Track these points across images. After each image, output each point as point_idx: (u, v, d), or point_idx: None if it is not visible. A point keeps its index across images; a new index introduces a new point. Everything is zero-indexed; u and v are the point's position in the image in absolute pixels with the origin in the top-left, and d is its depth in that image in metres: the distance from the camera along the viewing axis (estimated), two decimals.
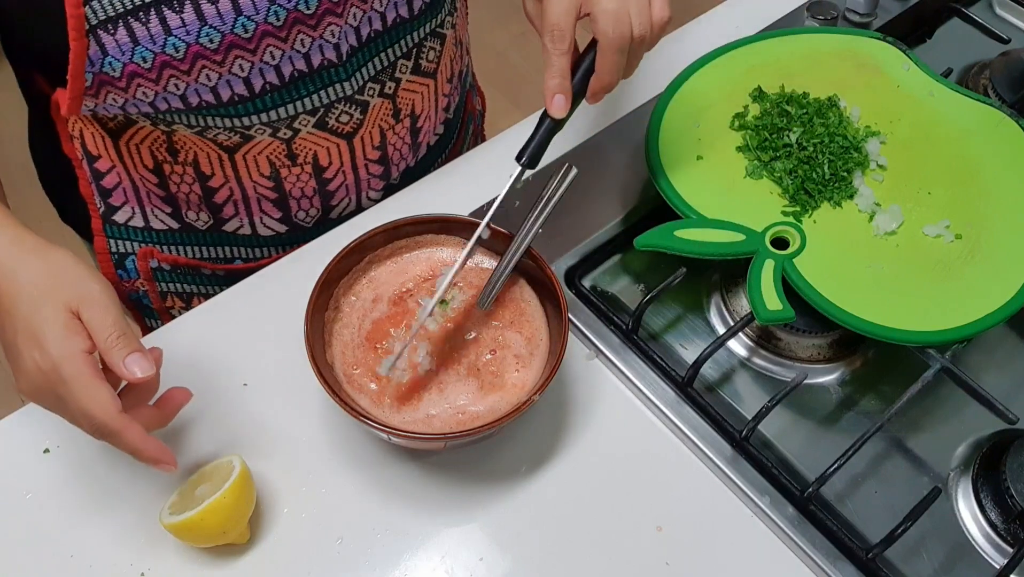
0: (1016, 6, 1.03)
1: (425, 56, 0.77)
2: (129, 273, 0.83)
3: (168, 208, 0.78)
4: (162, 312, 0.86)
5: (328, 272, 0.66)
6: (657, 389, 0.71)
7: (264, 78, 0.67)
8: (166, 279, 0.84)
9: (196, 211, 0.78)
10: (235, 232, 0.81)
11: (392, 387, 0.64)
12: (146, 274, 0.82)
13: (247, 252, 0.83)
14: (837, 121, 0.80)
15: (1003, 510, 0.66)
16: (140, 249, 0.81)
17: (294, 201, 0.79)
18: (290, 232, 0.82)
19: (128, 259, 0.82)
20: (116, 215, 0.79)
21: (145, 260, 0.81)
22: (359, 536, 0.64)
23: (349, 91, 0.72)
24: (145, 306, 0.86)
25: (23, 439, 0.67)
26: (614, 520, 0.66)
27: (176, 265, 0.82)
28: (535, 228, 0.67)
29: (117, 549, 0.63)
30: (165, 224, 0.79)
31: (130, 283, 0.83)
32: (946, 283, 0.72)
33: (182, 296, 0.85)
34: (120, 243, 0.81)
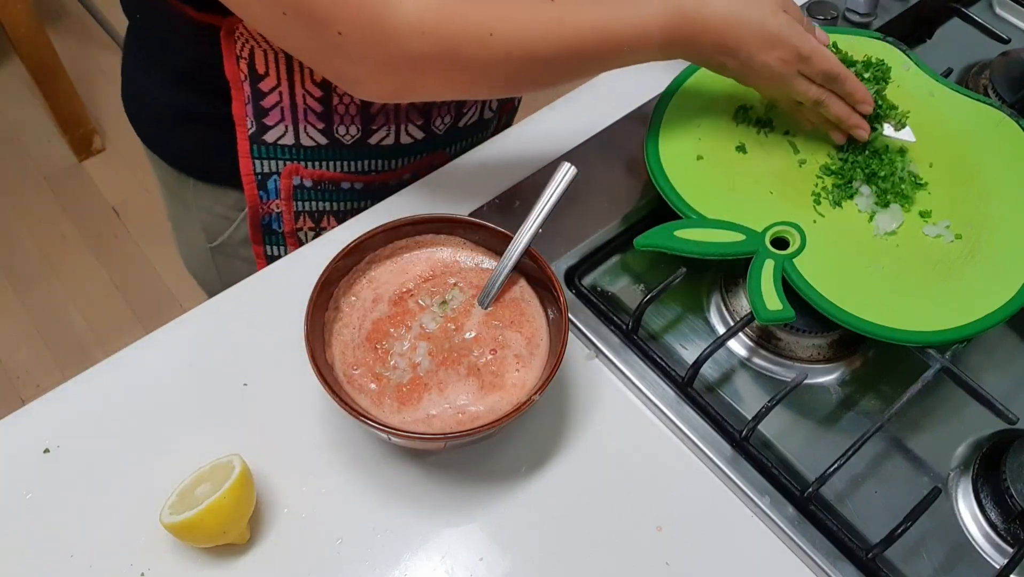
0: (1016, 6, 1.03)
1: None
2: (269, 194, 0.84)
3: (321, 124, 0.80)
4: (290, 235, 0.88)
5: (328, 272, 0.66)
6: (657, 389, 0.71)
7: None
8: (305, 197, 0.85)
9: (348, 125, 0.80)
10: (379, 144, 0.83)
11: (392, 387, 0.64)
12: (287, 193, 0.84)
13: (386, 164, 0.85)
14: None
15: (1003, 510, 0.66)
16: (285, 167, 0.82)
17: (435, 108, 0.82)
18: (426, 139, 0.85)
19: (271, 179, 0.83)
20: (267, 134, 0.80)
21: (289, 178, 0.83)
22: (359, 536, 0.64)
23: None
24: (273, 232, 0.87)
25: (23, 439, 0.67)
26: (614, 520, 0.66)
27: (319, 181, 0.84)
28: (535, 228, 0.67)
29: (117, 549, 0.63)
30: (314, 140, 0.81)
31: (267, 205, 0.85)
32: (946, 283, 0.72)
33: (314, 215, 0.87)
34: (266, 163, 0.82)
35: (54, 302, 1.93)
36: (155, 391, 0.70)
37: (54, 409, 0.69)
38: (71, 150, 2.18)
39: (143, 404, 0.69)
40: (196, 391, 0.70)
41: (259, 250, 0.89)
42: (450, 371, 0.66)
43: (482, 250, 0.72)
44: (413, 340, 0.67)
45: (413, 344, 0.67)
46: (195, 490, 0.61)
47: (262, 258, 0.90)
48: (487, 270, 0.70)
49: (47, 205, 2.10)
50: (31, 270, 1.98)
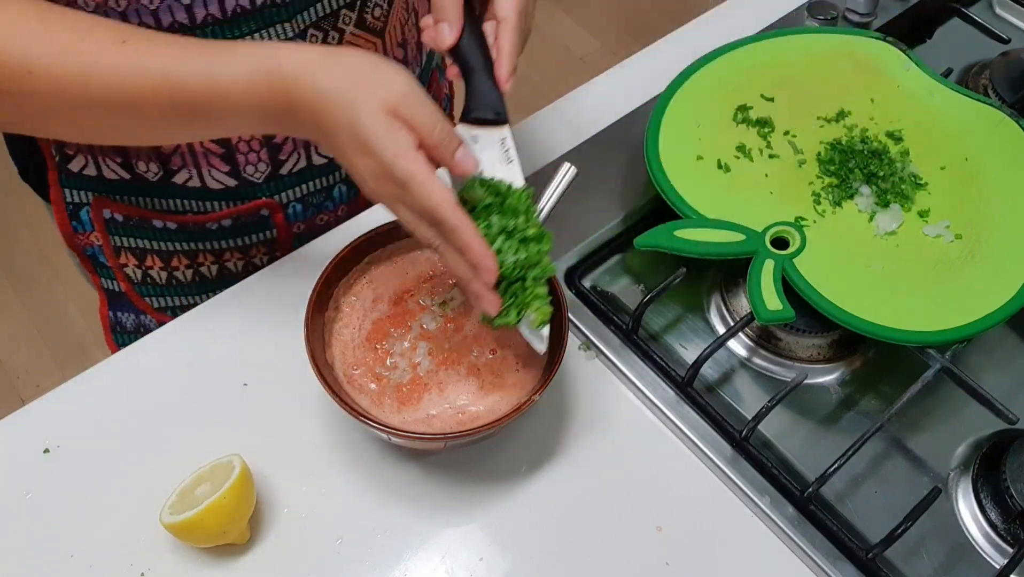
0: (1016, 6, 1.03)
1: (371, 12, 0.75)
2: (84, 225, 0.82)
3: (119, 158, 0.77)
4: (116, 269, 0.86)
5: (328, 272, 0.66)
6: (657, 389, 0.71)
7: (207, 8, 0.65)
8: (119, 232, 0.83)
9: (146, 161, 0.77)
10: (184, 184, 0.78)
11: (392, 387, 0.64)
12: (100, 226, 0.82)
13: (198, 205, 0.81)
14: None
15: (1003, 510, 0.66)
16: (93, 199, 0.80)
17: (241, 156, 0.77)
18: (240, 187, 0.79)
19: (83, 210, 0.81)
20: (71, 164, 0.78)
21: (99, 210, 0.81)
22: (359, 536, 0.64)
23: (291, 33, 0.70)
24: (101, 264, 0.86)
25: (23, 439, 0.68)
26: (614, 520, 0.66)
27: (128, 217, 0.81)
28: None
29: (117, 549, 0.63)
30: (117, 174, 0.78)
31: (84, 236, 0.83)
32: (946, 283, 0.72)
33: (135, 252, 0.84)
34: (75, 193, 0.80)
35: (54, 302, 1.93)
36: (155, 391, 0.70)
37: (54, 409, 0.69)
38: None
39: (143, 404, 0.69)
40: (196, 391, 0.70)
41: (96, 280, 0.87)
42: (450, 371, 0.66)
43: None
44: (413, 340, 0.67)
45: (413, 344, 0.67)
46: (195, 490, 0.61)
47: (100, 290, 0.88)
48: None
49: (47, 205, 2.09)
50: (31, 270, 1.97)
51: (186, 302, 0.86)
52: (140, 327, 0.90)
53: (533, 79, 2.20)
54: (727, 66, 0.86)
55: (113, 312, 0.89)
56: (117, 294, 0.88)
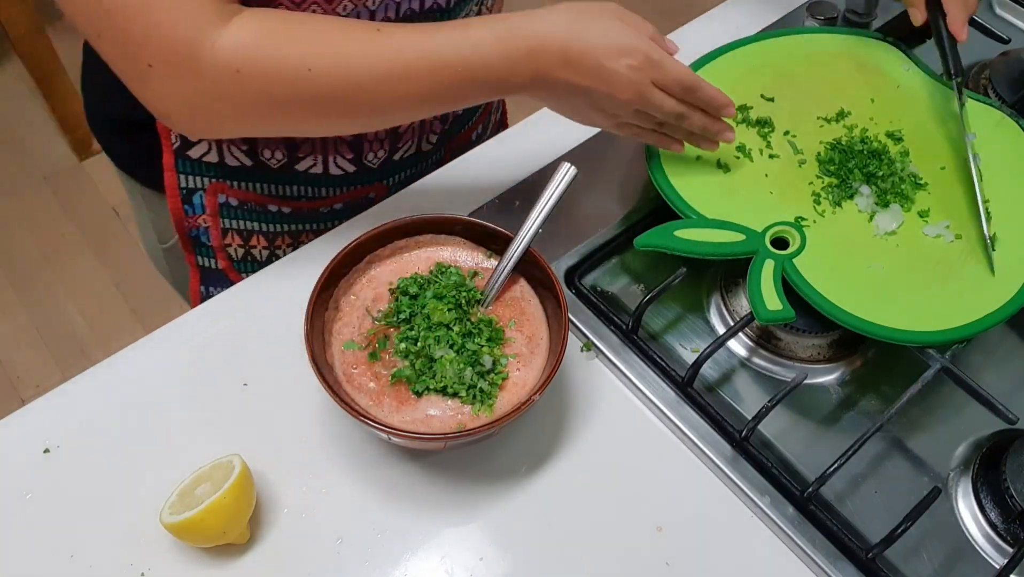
0: (1016, 6, 1.03)
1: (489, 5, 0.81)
2: (195, 209, 0.83)
3: (245, 145, 0.79)
4: (219, 250, 0.87)
5: (328, 272, 0.66)
6: (657, 389, 0.71)
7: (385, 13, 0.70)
8: (231, 215, 0.85)
9: (273, 149, 0.79)
10: (307, 171, 0.82)
11: (392, 387, 0.64)
12: (212, 210, 0.83)
13: (315, 191, 0.84)
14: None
15: (1003, 510, 0.66)
16: (210, 184, 0.82)
17: (367, 143, 0.81)
18: (358, 172, 0.84)
19: (196, 195, 0.82)
20: (191, 150, 0.79)
21: (214, 195, 0.82)
22: (359, 536, 0.64)
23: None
24: (202, 244, 0.87)
25: (23, 439, 0.67)
26: (614, 520, 0.66)
27: (244, 201, 0.83)
28: (535, 228, 0.67)
29: (117, 549, 0.63)
30: (239, 161, 0.80)
31: (193, 219, 0.84)
32: (946, 283, 0.72)
33: (242, 233, 0.86)
34: (191, 178, 0.81)
35: (54, 302, 1.93)
36: (155, 391, 0.70)
37: (54, 409, 0.69)
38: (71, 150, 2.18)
39: (143, 404, 0.69)
40: (196, 391, 0.70)
41: (191, 259, 0.88)
42: None
43: (482, 250, 0.72)
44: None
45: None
46: (195, 490, 0.61)
47: (195, 268, 0.89)
48: (487, 270, 0.70)
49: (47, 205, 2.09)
50: (31, 270, 1.97)
51: None
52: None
53: None
54: (727, 66, 0.86)
55: (205, 287, 0.91)
56: (213, 271, 0.89)
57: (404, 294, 0.68)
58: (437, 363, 0.64)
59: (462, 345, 0.65)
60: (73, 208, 2.09)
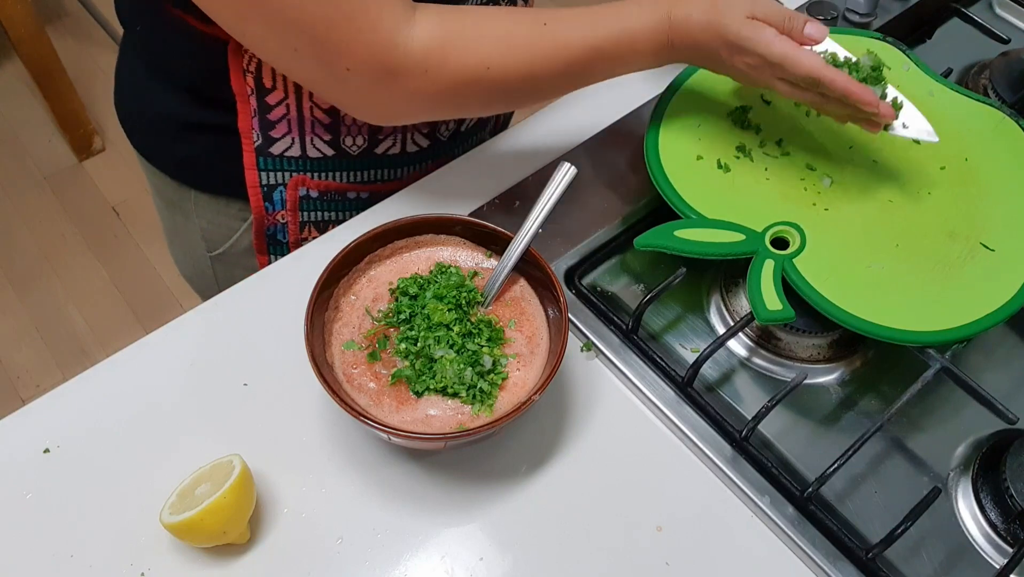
0: (1016, 6, 1.03)
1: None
2: (275, 205, 0.84)
3: (328, 136, 0.80)
4: (294, 245, 0.88)
5: (328, 272, 0.66)
6: (657, 389, 0.71)
7: None
8: (311, 207, 0.86)
9: (355, 136, 0.81)
10: (385, 153, 0.84)
11: (392, 387, 0.64)
12: (293, 204, 0.85)
13: (391, 173, 0.86)
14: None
15: (1003, 510, 0.66)
16: (292, 178, 0.83)
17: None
18: (431, 146, 0.86)
19: (277, 190, 0.84)
20: (273, 147, 0.80)
21: (295, 189, 0.84)
22: (359, 536, 0.64)
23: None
24: (278, 242, 0.88)
25: (23, 439, 0.68)
26: (614, 520, 0.66)
27: (325, 191, 0.85)
28: (535, 228, 0.67)
29: (117, 549, 0.63)
30: (320, 152, 0.82)
31: (272, 216, 0.85)
32: (946, 283, 0.72)
33: (319, 225, 0.88)
34: (272, 175, 0.82)
35: (54, 302, 1.93)
36: (155, 391, 0.70)
37: (54, 409, 0.69)
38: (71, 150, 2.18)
39: (143, 404, 0.69)
40: (196, 391, 0.70)
41: (263, 260, 0.89)
42: None
43: (482, 250, 0.72)
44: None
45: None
46: (195, 490, 0.61)
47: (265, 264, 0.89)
48: (487, 270, 0.70)
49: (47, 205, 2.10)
50: (31, 270, 1.98)
51: None
52: None
53: None
54: None
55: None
56: None
57: (404, 294, 0.68)
58: (437, 363, 0.64)
59: (462, 345, 0.65)
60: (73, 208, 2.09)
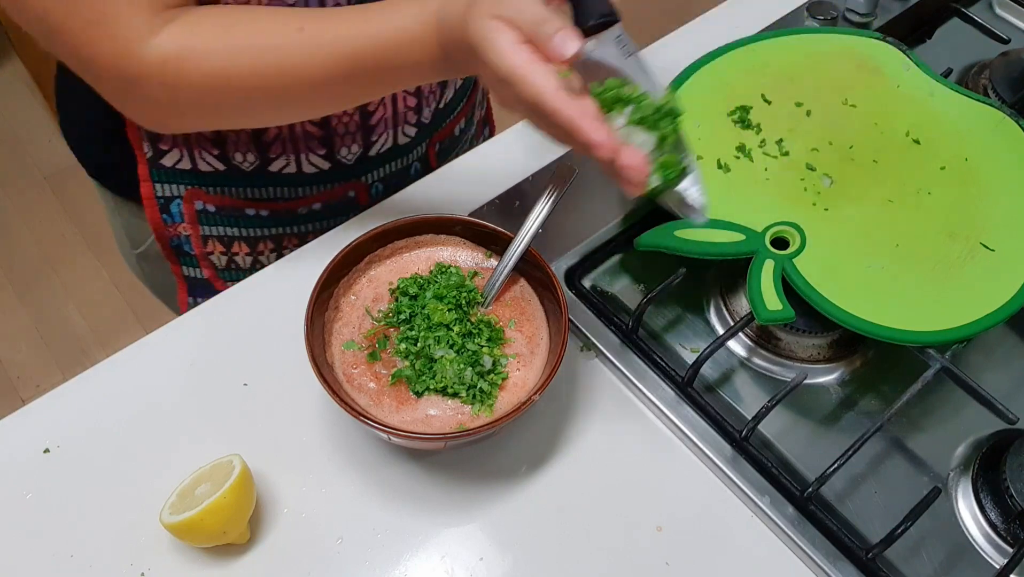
0: (1016, 6, 1.03)
1: None
2: (174, 218, 0.84)
3: (216, 150, 0.79)
4: (202, 258, 0.87)
5: (328, 272, 0.66)
6: (657, 389, 0.71)
7: None
8: (210, 222, 0.85)
9: (244, 152, 0.79)
10: (280, 172, 0.82)
11: (392, 387, 0.64)
12: (191, 217, 0.84)
13: (291, 191, 0.84)
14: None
15: (1003, 510, 0.66)
16: (186, 192, 0.82)
17: (338, 138, 0.80)
18: (332, 170, 0.83)
19: (174, 203, 0.83)
20: (164, 159, 0.80)
21: (191, 203, 0.83)
22: (359, 536, 0.64)
23: None
24: (185, 253, 0.87)
25: (23, 439, 0.68)
26: (614, 520, 0.66)
27: (221, 207, 0.83)
28: (535, 228, 0.67)
29: (117, 549, 0.63)
30: (212, 166, 0.80)
31: (173, 228, 0.84)
32: (946, 283, 0.72)
33: (223, 240, 0.86)
34: (166, 187, 0.82)
35: (54, 302, 1.93)
36: (155, 391, 0.70)
37: (54, 409, 0.69)
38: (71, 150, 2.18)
39: (143, 404, 0.69)
40: (196, 391, 0.70)
41: (176, 270, 0.88)
42: None
43: (482, 250, 0.72)
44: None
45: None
46: (195, 490, 0.61)
47: (180, 278, 0.89)
48: (487, 270, 0.70)
49: (47, 205, 2.09)
50: (31, 270, 1.98)
51: None
52: None
53: None
54: (727, 66, 0.86)
55: (193, 298, 0.90)
56: (199, 280, 0.89)
57: (404, 294, 0.68)
58: (437, 363, 0.64)
59: (462, 345, 0.65)
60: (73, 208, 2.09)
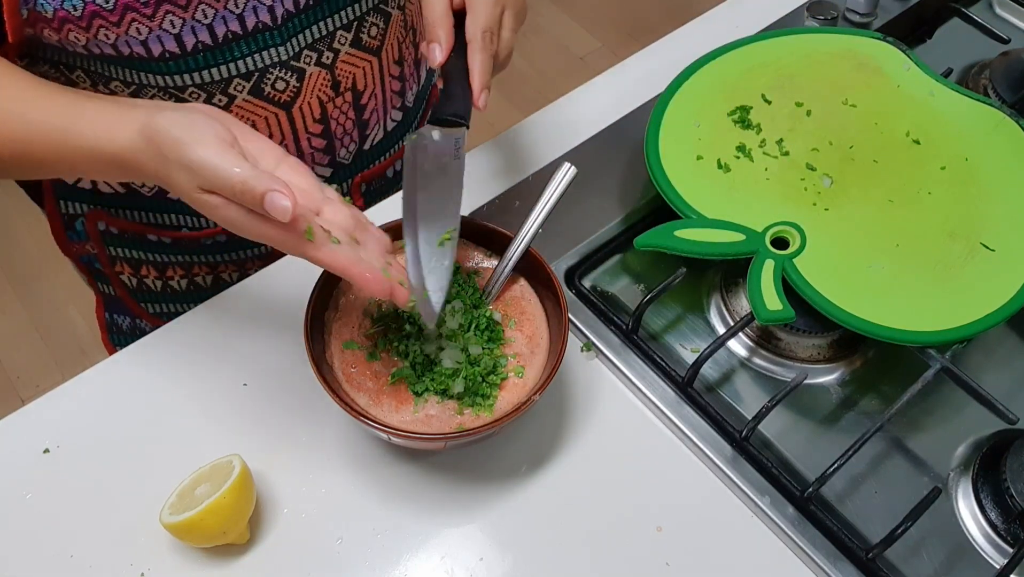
0: (1016, 6, 1.03)
1: (367, 31, 0.76)
2: (79, 235, 0.83)
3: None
4: (112, 277, 0.86)
5: (328, 272, 0.66)
6: (657, 389, 0.71)
7: (196, 36, 0.66)
8: (115, 243, 0.83)
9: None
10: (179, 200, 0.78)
11: (391, 387, 0.64)
12: (95, 237, 0.82)
13: (193, 221, 0.82)
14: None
15: (1003, 510, 0.66)
16: (89, 212, 0.81)
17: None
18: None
19: (78, 221, 0.82)
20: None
21: (94, 222, 0.81)
22: (359, 536, 0.64)
23: (284, 56, 0.71)
24: (97, 270, 0.86)
25: (23, 439, 0.68)
26: (614, 520, 0.66)
27: (124, 230, 0.82)
28: (535, 228, 0.67)
29: (117, 549, 0.63)
30: (112, 188, 0.79)
31: (80, 245, 0.83)
32: (946, 283, 0.72)
33: (131, 262, 0.84)
34: (70, 204, 0.80)
35: (54, 302, 1.93)
36: (155, 391, 0.70)
37: (54, 409, 0.69)
38: None
39: (143, 404, 0.69)
40: (196, 391, 0.70)
41: (93, 284, 0.87)
42: None
43: (482, 250, 0.72)
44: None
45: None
46: (195, 490, 0.61)
47: (98, 294, 0.88)
48: (487, 270, 0.70)
49: None
50: (31, 270, 1.97)
51: (182, 308, 0.87)
52: (136, 329, 0.89)
53: (533, 79, 2.20)
54: (727, 66, 0.86)
55: (109, 314, 0.89)
56: (113, 298, 0.88)
57: None
58: (437, 363, 0.64)
59: (462, 345, 0.65)
60: None
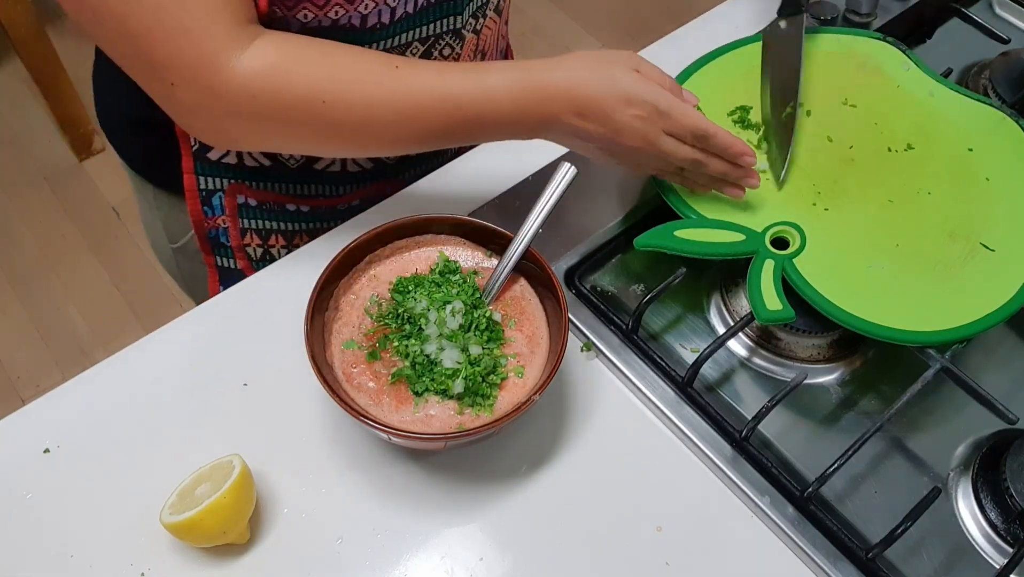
0: (1016, 6, 1.03)
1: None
2: (214, 210, 0.84)
3: None
4: (237, 250, 0.88)
5: (328, 272, 0.66)
6: (657, 389, 0.71)
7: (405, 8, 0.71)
8: (250, 215, 0.85)
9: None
10: (324, 169, 0.83)
11: (391, 386, 0.64)
12: (231, 211, 0.84)
13: (332, 189, 0.85)
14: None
15: (1003, 510, 0.66)
16: (229, 186, 0.82)
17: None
18: (375, 169, 0.84)
19: (215, 196, 0.83)
20: (210, 152, 0.80)
21: (233, 196, 0.83)
22: (359, 536, 0.64)
23: (457, 24, 0.76)
24: (221, 244, 0.87)
25: (23, 439, 0.68)
26: (614, 520, 0.66)
27: (263, 202, 0.84)
28: (535, 228, 0.67)
29: (117, 549, 0.63)
30: (257, 161, 0.81)
31: (212, 220, 0.85)
32: (946, 283, 0.72)
33: (260, 233, 0.87)
34: (210, 180, 0.82)
35: (54, 302, 1.93)
36: (155, 391, 0.70)
37: (54, 409, 0.69)
38: (71, 150, 2.18)
39: (143, 404, 0.69)
40: (196, 391, 0.70)
41: (210, 260, 0.89)
42: None
43: (482, 250, 0.72)
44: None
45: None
46: (195, 490, 0.61)
47: (213, 268, 0.89)
48: (487, 270, 0.70)
49: (47, 205, 2.09)
50: (31, 270, 1.97)
51: None
52: None
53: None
54: (727, 66, 0.86)
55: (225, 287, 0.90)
56: (232, 271, 0.89)
57: (404, 293, 0.68)
58: (437, 363, 0.64)
59: (462, 345, 0.65)
60: (73, 208, 2.09)
